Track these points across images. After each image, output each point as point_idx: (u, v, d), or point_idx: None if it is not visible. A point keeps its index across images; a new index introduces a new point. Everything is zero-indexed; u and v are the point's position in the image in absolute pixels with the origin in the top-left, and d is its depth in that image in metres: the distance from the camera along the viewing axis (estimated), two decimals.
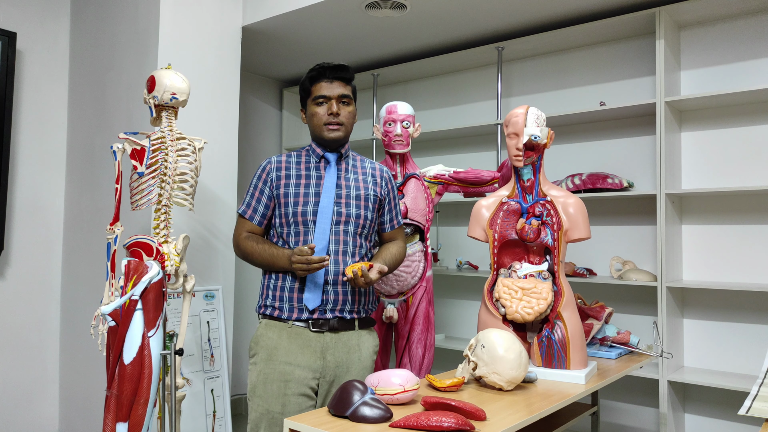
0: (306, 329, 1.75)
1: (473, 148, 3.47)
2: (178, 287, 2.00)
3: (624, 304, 2.89)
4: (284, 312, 1.76)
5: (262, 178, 1.84)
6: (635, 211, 2.89)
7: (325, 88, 1.81)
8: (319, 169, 1.85)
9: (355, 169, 1.91)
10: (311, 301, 1.74)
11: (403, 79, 3.77)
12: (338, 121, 1.81)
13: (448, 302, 3.51)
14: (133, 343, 1.68)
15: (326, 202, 1.78)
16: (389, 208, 1.95)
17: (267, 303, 1.80)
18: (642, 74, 2.91)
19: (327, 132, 1.81)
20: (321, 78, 1.83)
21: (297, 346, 1.74)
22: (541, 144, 1.77)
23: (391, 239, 1.96)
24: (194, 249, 2.57)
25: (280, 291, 1.78)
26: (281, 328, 1.76)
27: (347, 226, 1.80)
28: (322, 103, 1.82)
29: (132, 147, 1.93)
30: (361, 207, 1.83)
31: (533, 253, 1.81)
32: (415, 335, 2.35)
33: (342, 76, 1.84)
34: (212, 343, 2.62)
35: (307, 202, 1.78)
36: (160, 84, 1.96)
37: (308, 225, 1.77)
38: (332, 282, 1.75)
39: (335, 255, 1.77)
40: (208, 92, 2.72)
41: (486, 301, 1.77)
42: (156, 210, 1.95)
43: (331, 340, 1.76)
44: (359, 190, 1.85)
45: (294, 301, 1.76)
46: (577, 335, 1.69)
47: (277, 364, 1.73)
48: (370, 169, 1.94)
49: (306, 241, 1.78)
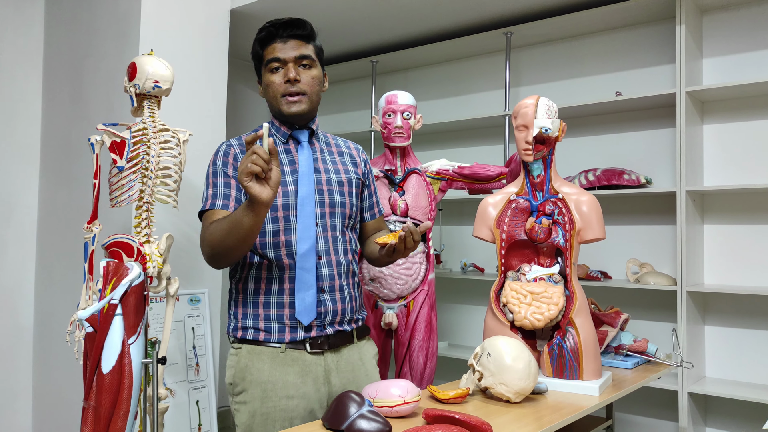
0: (303, 352, 1.58)
1: (479, 142, 3.47)
2: (160, 290, 2.00)
3: (641, 309, 2.89)
4: (273, 334, 1.58)
5: (229, 164, 1.61)
6: (653, 210, 2.89)
7: (279, 49, 1.60)
8: (290, 152, 1.65)
9: (329, 148, 1.73)
10: (305, 315, 1.57)
11: (404, 66, 3.77)
12: (298, 89, 1.59)
13: (452, 307, 3.51)
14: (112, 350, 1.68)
15: (306, 191, 1.60)
16: (369, 192, 1.80)
17: (248, 324, 1.61)
18: (661, 62, 2.91)
19: (286, 105, 1.60)
20: (273, 39, 1.61)
21: (295, 375, 1.58)
22: (552, 137, 1.77)
23: (376, 230, 1.81)
24: (178, 249, 2.57)
25: (264, 308, 1.60)
26: (272, 356, 1.58)
27: (333, 219, 1.64)
28: (277, 69, 1.60)
29: (111, 139, 1.93)
30: (345, 193, 1.67)
31: (543, 255, 1.81)
32: (416, 343, 2.35)
33: (298, 33, 1.61)
34: (197, 351, 2.62)
35: (286, 192, 1.59)
36: (141, 71, 1.95)
37: (289, 221, 1.59)
38: (328, 289, 1.61)
39: (326, 255, 1.61)
40: (194, 80, 2.72)
41: (492, 307, 1.77)
42: (137, 207, 1.95)
43: (333, 361, 1.62)
44: (340, 174, 1.68)
45: (285, 318, 1.58)
46: (591, 343, 1.69)
47: (276, 400, 1.56)
48: (345, 148, 1.77)
49: (288, 242, 1.58)
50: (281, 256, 1.59)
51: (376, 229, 1.82)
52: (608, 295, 2.97)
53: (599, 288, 2.96)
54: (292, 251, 1.59)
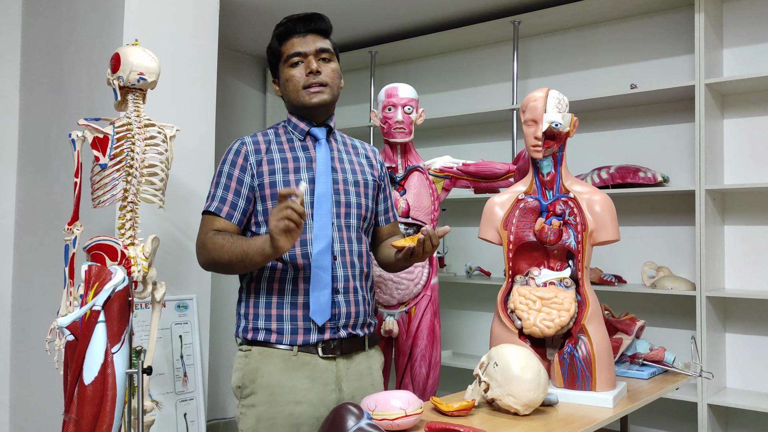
0: (315, 356, 1.63)
1: (485, 137, 3.47)
2: (146, 296, 2.00)
3: (658, 316, 2.89)
4: (286, 335, 1.63)
5: (238, 164, 1.68)
6: (671, 210, 2.89)
7: (299, 44, 1.69)
8: (308, 149, 1.72)
9: (346, 148, 1.81)
10: (320, 315, 1.62)
11: (405, 57, 3.77)
12: (320, 80, 1.68)
13: (456, 314, 3.51)
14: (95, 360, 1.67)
15: (323, 190, 1.66)
16: (384, 196, 1.87)
17: (258, 325, 1.65)
18: (679, 52, 2.91)
19: (308, 96, 1.67)
20: (291, 34, 1.71)
21: (305, 379, 1.62)
22: (563, 132, 1.77)
23: (390, 235, 1.87)
24: (165, 252, 2.56)
25: (277, 309, 1.65)
26: (283, 358, 1.63)
27: (349, 219, 1.70)
28: (297, 63, 1.69)
29: (93, 135, 1.93)
30: (362, 195, 1.74)
31: (554, 258, 1.81)
32: (418, 352, 2.35)
33: (317, 27, 1.71)
34: (185, 361, 2.61)
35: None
36: (125, 63, 1.95)
37: (305, 220, 1.61)
38: (342, 290, 1.66)
39: (341, 256, 1.67)
40: (182, 72, 2.72)
41: (499, 313, 1.77)
42: (121, 207, 1.95)
43: (344, 368, 1.67)
44: (356, 174, 1.76)
45: (298, 319, 1.63)
46: (604, 352, 1.69)
47: (283, 405, 1.61)
48: (362, 149, 1.85)
49: (304, 241, 1.64)
50: (296, 255, 1.64)
51: (390, 234, 1.88)
52: (623, 300, 2.97)
53: (613, 293, 2.96)
54: (308, 250, 1.64)
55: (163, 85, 2.60)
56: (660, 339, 2.86)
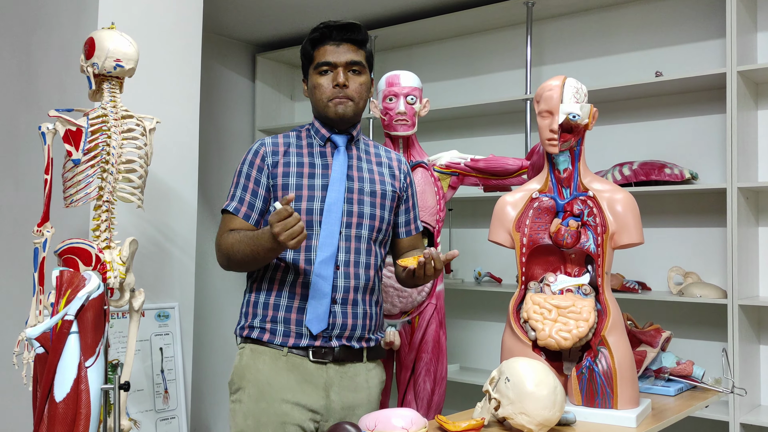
0: (305, 359, 1.76)
1: (496, 130, 3.47)
2: (123, 304, 2.00)
3: (685, 326, 2.89)
4: (278, 336, 1.77)
5: (255, 165, 1.84)
6: (700, 210, 2.89)
7: (331, 52, 1.83)
8: (325, 156, 1.86)
9: (368, 156, 1.93)
10: (316, 324, 1.74)
11: (408, 42, 3.77)
12: (346, 94, 1.82)
13: (464, 324, 3.51)
14: (67, 375, 1.67)
15: (334, 198, 1.79)
16: (406, 207, 1.98)
17: (254, 324, 1.80)
18: (709, 37, 2.91)
19: (332, 108, 1.82)
20: (325, 40, 1.84)
21: (295, 381, 1.75)
22: (581, 125, 1.77)
23: (411, 248, 1.97)
24: (144, 256, 2.57)
25: (273, 310, 1.79)
26: (274, 357, 1.77)
27: (360, 230, 1.81)
28: (326, 72, 1.83)
29: (65, 127, 1.93)
30: (377, 205, 1.85)
31: (571, 263, 1.81)
32: (422, 366, 2.35)
33: (352, 37, 1.84)
34: (166, 376, 2.61)
35: (313, 197, 1.79)
36: (101, 48, 1.95)
37: (313, 227, 1.78)
38: (340, 301, 1.77)
39: (345, 266, 1.78)
40: (163, 59, 2.72)
41: (511, 323, 1.77)
42: (96, 207, 1.95)
43: (335, 375, 1.77)
44: (374, 184, 1.87)
45: (292, 323, 1.77)
46: (627, 366, 1.69)
47: (271, 402, 1.73)
48: (386, 158, 1.96)
49: (309, 247, 1.77)
50: (299, 260, 1.78)
51: (411, 247, 1.97)
52: (647, 309, 2.97)
53: (636, 301, 2.96)
54: (311, 257, 1.78)
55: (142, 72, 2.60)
56: (688, 352, 2.85)
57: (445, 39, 3.67)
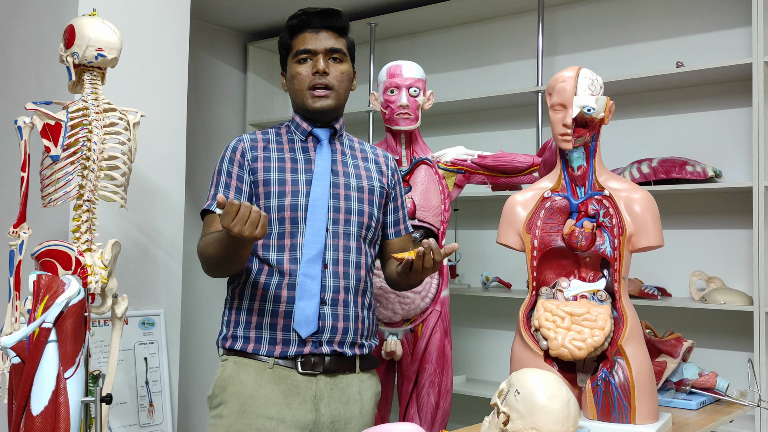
0: (293, 371, 1.75)
1: (505, 124, 3.47)
2: (105, 311, 2.00)
3: (708, 335, 2.89)
4: (263, 345, 1.76)
5: (236, 161, 1.84)
6: (724, 210, 2.89)
7: (310, 40, 1.84)
8: (308, 151, 1.87)
9: (353, 152, 1.94)
10: (304, 327, 1.73)
11: (411, 30, 3.77)
12: (326, 83, 1.82)
13: (471, 333, 3.51)
14: (45, 387, 1.68)
15: (320, 193, 1.79)
16: (395, 206, 1.99)
17: (237, 333, 1.79)
18: (733, 24, 2.91)
19: (311, 99, 1.83)
20: (304, 28, 1.85)
21: (280, 394, 1.74)
22: (596, 119, 1.77)
23: (402, 250, 1.96)
24: (127, 260, 2.57)
25: (258, 316, 1.78)
26: (259, 369, 1.76)
27: (348, 226, 1.82)
28: (305, 60, 1.84)
29: (43, 121, 1.93)
30: (365, 201, 1.86)
31: (586, 267, 1.81)
32: (426, 377, 2.35)
33: (333, 24, 1.86)
34: (151, 388, 2.62)
35: (297, 192, 1.79)
36: (81, 36, 1.96)
37: (298, 223, 1.78)
38: (330, 302, 1.76)
39: (333, 265, 1.78)
40: (147, 48, 2.72)
41: (522, 332, 1.77)
42: (76, 207, 1.95)
43: (326, 387, 1.76)
44: (361, 180, 1.88)
45: (278, 328, 1.76)
46: (645, 378, 1.69)
47: (253, 418, 1.72)
48: (372, 154, 1.98)
49: (294, 245, 1.77)
50: (283, 260, 1.78)
51: (401, 249, 1.96)
52: (667, 317, 2.97)
53: (656, 308, 2.96)
54: (297, 256, 1.78)
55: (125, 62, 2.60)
56: (711, 362, 2.85)
57: (451, 27, 3.67)
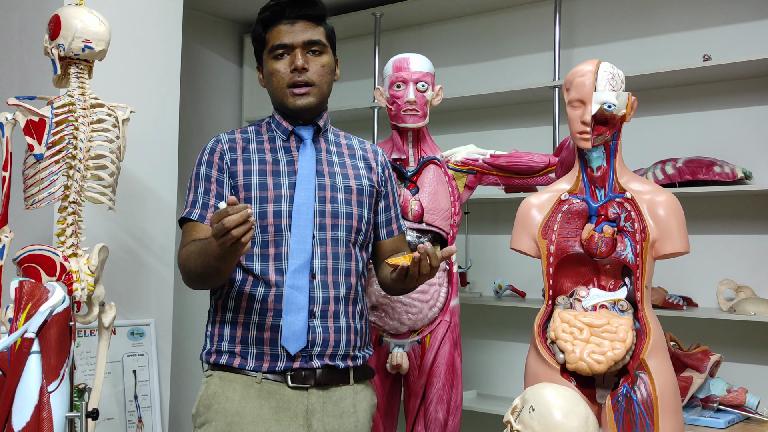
0: (282, 385, 1.74)
1: (519, 122, 3.47)
2: (91, 321, 2.00)
3: (737, 348, 2.88)
4: (250, 360, 1.75)
5: (214, 164, 1.83)
6: (754, 214, 2.88)
7: (285, 33, 1.82)
8: (290, 151, 1.86)
9: (339, 149, 1.92)
10: (293, 343, 1.72)
11: (418, 21, 3.77)
12: (306, 79, 1.81)
13: (482, 345, 3.51)
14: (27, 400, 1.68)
15: (304, 197, 1.78)
16: (387, 204, 1.97)
17: (222, 347, 1.78)
18: (764, 16, 2.90)
19: (291, 98, 1.82)
20: (278, 19, 1.83)
21: (270, 411, 1.72)
22: (617, 116, 1.77)
23: (395, 252, 1.94)
24: (115, 266, 2.57)
25: (243, 330, 1.76)
26: (246, 385, 1.75)
27: (336, 232, 1.80)
28: (282, 56, 1.82)
29: (26, 118, 1.94)
30: (353, 203, 1.84)
31: (606, 275, 1.81)
32: (434, 392, 2.34)
33: (308, 13, 1.83)
34: (140, 402, 2.62)
35: (279, 197, 1.78)
36: (67, 27, 1.96)
37: (282, 231, 1.77)
38: (320, 314, 1.75)
39: (322, 274, 1.77)
40: (138, 40, 2.73)
41: (537, 344, 1.77)
42: (61, 209, 1.95)
43: (318, 401, 1.75)
44: (348, 179, 1.87)
45: (265, 343, 1.74)
46: (669, 394, 1.69)
47: None
48: (360, 149, 1.96)
49: (279, 255, 1.76)
50: (268, 271, 1.76)
51: (395, 251, 1.94)
52: (693, 328, 2.96)
53: (681, 319, 2.95)
54: (282, 266, 1.76)
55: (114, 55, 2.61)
56: (740, 378, 2.84)
57: (461, 17, 3.67)
